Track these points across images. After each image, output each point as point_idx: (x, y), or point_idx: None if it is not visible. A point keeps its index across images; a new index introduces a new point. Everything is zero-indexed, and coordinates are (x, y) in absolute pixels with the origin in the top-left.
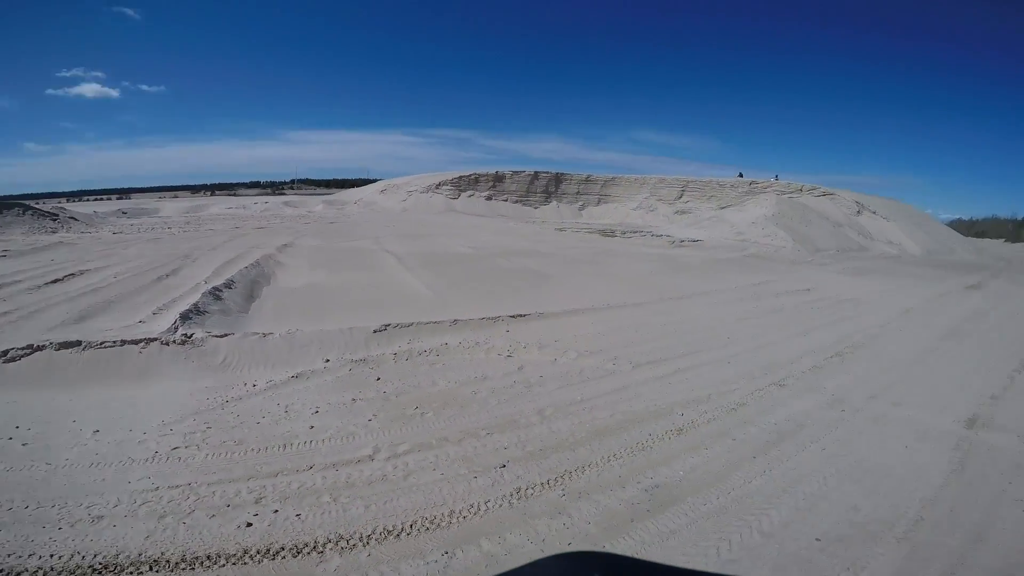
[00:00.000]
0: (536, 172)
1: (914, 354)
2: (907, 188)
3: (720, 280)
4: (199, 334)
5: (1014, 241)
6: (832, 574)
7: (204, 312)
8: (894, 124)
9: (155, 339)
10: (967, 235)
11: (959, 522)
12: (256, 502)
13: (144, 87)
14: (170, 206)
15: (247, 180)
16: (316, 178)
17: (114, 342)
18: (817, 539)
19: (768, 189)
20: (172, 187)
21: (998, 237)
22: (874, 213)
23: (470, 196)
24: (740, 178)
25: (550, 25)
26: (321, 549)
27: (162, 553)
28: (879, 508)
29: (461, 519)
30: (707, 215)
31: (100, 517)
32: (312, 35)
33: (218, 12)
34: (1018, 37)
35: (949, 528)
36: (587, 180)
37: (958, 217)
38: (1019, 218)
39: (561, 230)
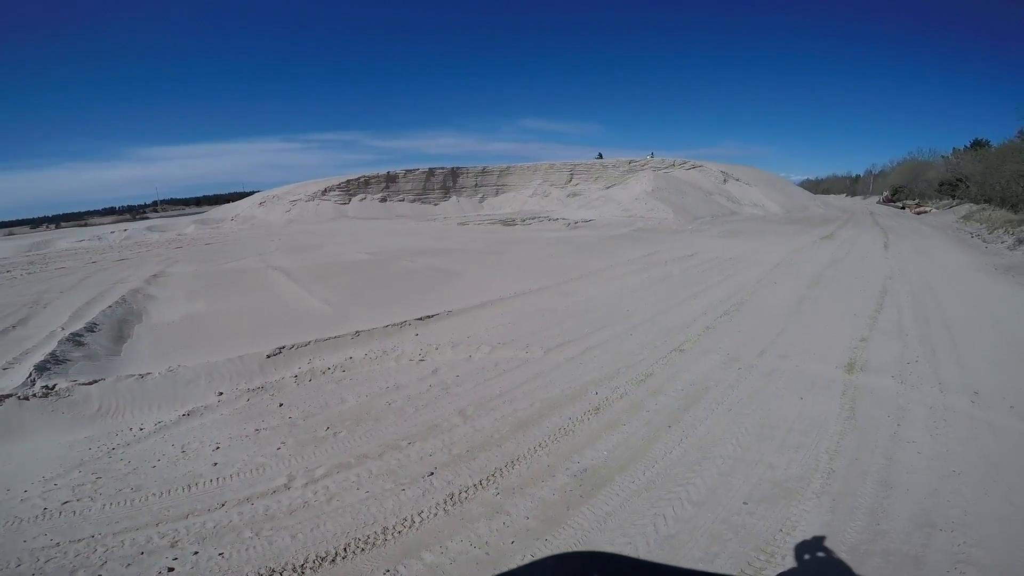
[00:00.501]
0: (431, 168)
1: (789, 305)
2: (762, 156)
3: (614, 256)
4: (63, 384)
5: (852, 195)
6: (768, 536)
7: (65, 361)
8: (747, 95)
9: (10, 395)
10: (815, 192)
11: (866, 471)
12: (172, 546)
13: None
14: (5, 245)
15: (99, 207)
16: (184, 197)
17: None
18: (744, 502)
19: (646, 167)
20: (3, 223)
21: (840, 192)
22: (738, 180)
23: (362, 200)
24: (600, 159)
25: (433, 20)
26: None
27: None
28: (792, 464)
29: (396, 534)
30: (596, 195)
31: None
32: (157, 37)
33: (31, 13)
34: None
35: (859, 478)
36: (483, 172)
37: (807, 177)
38: (853, 175)
39: (464, 224)
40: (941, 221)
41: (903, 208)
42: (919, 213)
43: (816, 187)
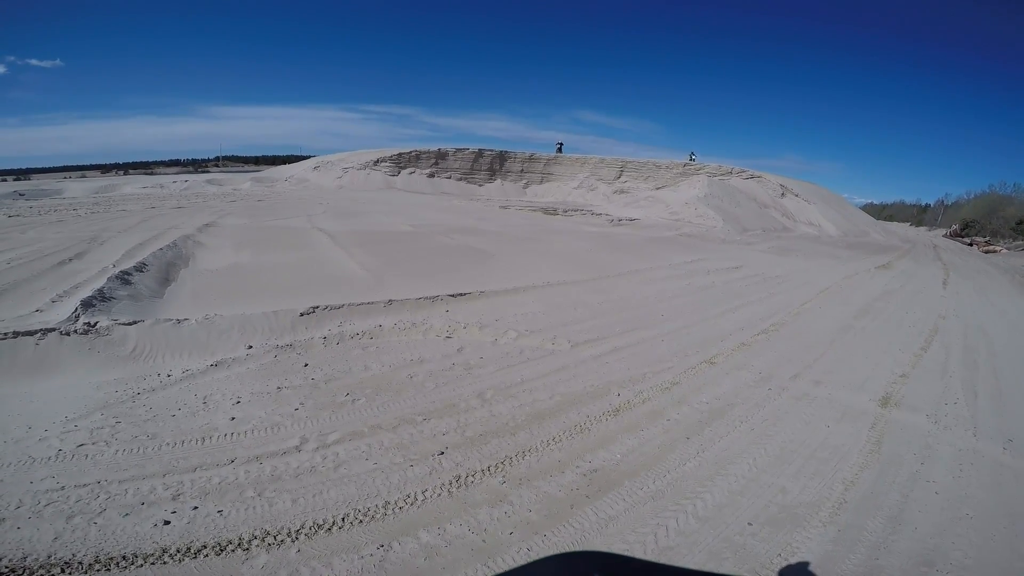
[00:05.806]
0: (480, 150)
1: (832, 332)
2: (825, 173)
3: (656, 258)
4: (104, 322)
5: (918, 225)
6: (765, 559)
7: (111, 298)
8: (814, 110)
9: (53, 329)
10: (878, 218)
11: (879, 504)
12: (173, 499)
13: (34, 61)
14: (76, 186)
15: (166, 158)
16: (244, 155)
17: (5, 334)
18: (749, 523)
19: (700, 171)
20: (79, 167)
21: (904, 221)
22: (796, 196)
23: (411, 173)
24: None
25: (497, 4)
26: (246, 546)
27: (73, 555)
28: (805, 490)
29: (397, 510)
30: (644, 195)
31: (1, 520)
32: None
33: None
34: (930, 29)
35: (870, 511)
36: (531, 159)
37: (870, 201)
38: (923, 204)
39: (505, 208)
40: (1011, 263)
41: (971, 244)
42: (987, 252)
43: (879, 212)
